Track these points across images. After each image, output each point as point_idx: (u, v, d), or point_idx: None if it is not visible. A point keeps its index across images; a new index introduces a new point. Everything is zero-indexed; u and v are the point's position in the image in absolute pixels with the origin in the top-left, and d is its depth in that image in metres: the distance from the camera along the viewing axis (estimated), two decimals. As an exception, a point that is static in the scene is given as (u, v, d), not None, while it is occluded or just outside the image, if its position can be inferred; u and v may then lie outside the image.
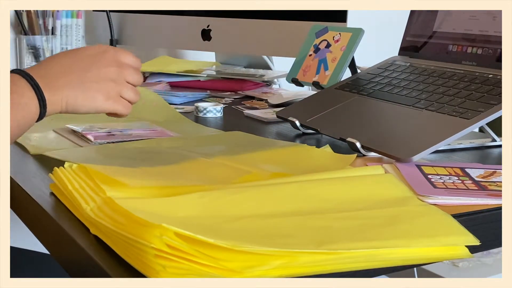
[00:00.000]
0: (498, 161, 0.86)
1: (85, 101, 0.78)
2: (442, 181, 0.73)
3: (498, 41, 0.95)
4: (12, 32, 1.65)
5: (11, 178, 0.76)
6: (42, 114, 0.75)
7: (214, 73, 1.52)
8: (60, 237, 0.63)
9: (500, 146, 0.93)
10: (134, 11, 1.67)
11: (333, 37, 1.16)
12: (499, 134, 0.92)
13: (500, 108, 0.82)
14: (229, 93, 1.40)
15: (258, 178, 0.71)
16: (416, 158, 0.78)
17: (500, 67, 0.92)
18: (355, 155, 0.83)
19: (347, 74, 1.13)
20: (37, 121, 0.75)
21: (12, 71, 0.75)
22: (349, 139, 0.86)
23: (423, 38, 1.09)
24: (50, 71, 0.76)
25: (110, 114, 0.82)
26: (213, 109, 1.15)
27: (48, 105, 0.75)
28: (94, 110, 0.79)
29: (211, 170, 0.77)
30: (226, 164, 0.78)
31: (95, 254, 0.56)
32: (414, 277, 1.57)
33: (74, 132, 0.96)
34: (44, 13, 1.65)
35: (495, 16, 0.96)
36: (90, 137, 0.92)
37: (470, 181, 0.73)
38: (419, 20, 1.10)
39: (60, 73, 0.77)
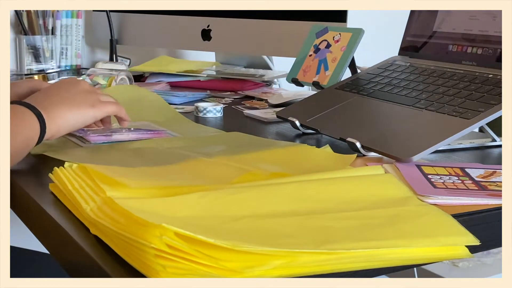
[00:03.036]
0: (498, 161, 0.86)
1: (74, 114, 0.86)
2: (442, 181, 0.73)
3: (498, 41, 0.95)
4: (12, 32, 1.65)
5: (11, 178, 0.75)
6: (42, 131, 0.80)
7: (214, 73, 1.52)
8: (60, 237, 0.63)
9: (500, 146, 0.93)
10: (134, 11, 1.67)
11: (333, 37, 1.16)
12: (499, 134, 0.92)
13: (500, 108, 0.82)
14: (229, 93, 1.40)
15: (257, 178, 0.71)
16: (416, 158, 0.78)
17: (500, 67, 0.92)
18: (355, 155, 0.83)
19: (347, 74, 1.13)
20: (39, 140, 0.80)
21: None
22: (349, 139, 0.86)
23: (423, 38, 1.09)
24: (34, 99, 0.84)
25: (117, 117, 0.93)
26: (213, 109, 1.15)
27: (46, 123, 0.81)
28: (84, 118, 0.88)
29: (211, 170, 0.77)
30: (226, 163, 0.78)
31: (95, 254, 0.56)
32: (414, 277, 1.57)
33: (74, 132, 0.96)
34: (44, 13, 1.65)
35: (495, 16, 0.96)
36: (90, 137, 0.92)
37: (470, 181, 0.73)
38: (419, 20, 1.10)
39: (44, 99, 0.85)
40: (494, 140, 0.93)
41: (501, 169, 0.77)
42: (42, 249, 0.83)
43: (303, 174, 0.71)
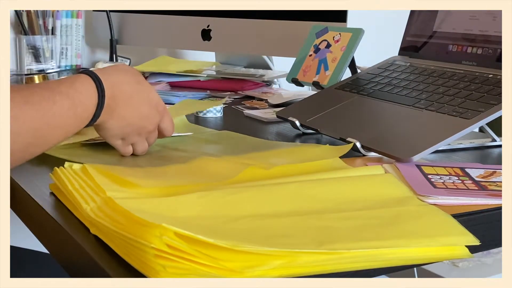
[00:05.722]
0: (498, 161, 0.86)
1: (110, 133, 0.81)
2: (442, 181, 0.73)
3: (498, 41, 0.95)
4: (12, 32, 1.65)
5: (11, 178, 0.76)
6: (87, 126, 0.77)
7: (214, 73, 1.52)
8: (60, 237, 0.63)
9: (500, 146, 0.93)
10: (134, 11, 1.67)
11: (333, 37, 1.16)
12: (499, 134, 0.92)
13: (500, 108, 0.82)
14: (229, 93, 1.40)
15: (260, 172, 0.71)
16: (416, 158, 0.78)
17: (500, 67, 0.92)
18: (351, 144, 0.83)
19: (347, 74, 1.13)
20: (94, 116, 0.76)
21: (87, 73, 0.76)
22: (349, 139, 0.86)
23: (423, 38, 1.09)
24: (119, 95, 0.78)
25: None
26: (213, 109, 1.15)
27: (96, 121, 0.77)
28: (106, 140, 0.83)
29: (215, 167, 0.77)
30: (231, 161, 0.79)
31: (95, 254, 0.56)
32: (414, 277, 1.57)
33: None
34: (44, 13, 1.65)
35: (495, 16, 0.96)
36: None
37: (470, 181, 0.73)
38: (419, 20, 1.10)
39: (125, 104, 0.79)
40: (494, 140, 0.93)
41: (501, 169, 0.77)
42: (42, 249, 0.83)
43: (303, 174, 0.71)
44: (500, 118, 0.81)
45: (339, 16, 1.27)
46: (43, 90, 0.71)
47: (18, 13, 1.62)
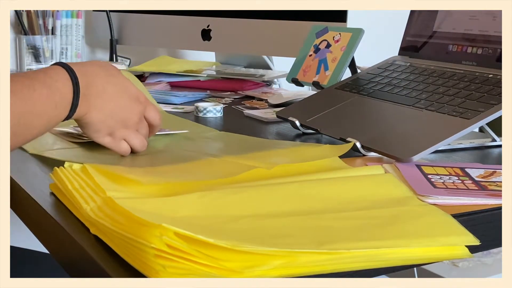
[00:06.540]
0: (498, 161, 0.86)
1: (93, 128, 0.80)
2: (442, 181, 0.73)
3: (498, 41, 0.95)
4: (12, 32, 1.65)
5: (11, 178, 0.76)
6: (68, 117, 0.77)
7: (214, 73, 1.52)
8: (60, 237, 0.63)
9: (500, 146, 0.93)
10: (134, 11, 1.67)
11: (333, 37, 1.16)
12: (499, 134, 0.92)
13: (500, 108, 0.82)
14: (229, 93, 1.40)
15: (262, 173, 0.71)
16: (416, 158, 0.78)
17: (500, 67, 0.92)
18: (351, 143, 0.83)
19: (347, 74, 1.13)
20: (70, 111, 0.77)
21: (61, 65, 0.77)
22: (349, 139, 0.86)
23: (423, 38, 1.09)
24: (93, 85, 0.78)
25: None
26: (213, 109, 1.15)
27: (76, 112, 0.77)
28: (91, 138, 0.83)
29: (214, 166, 0.77)
30: (233, 161, 0.79)
31: (95, 254, 0.56)
32: (414, 277, 1.57)
33: (73, 132, 0.96)
34: (44, 13, 1.65)
35: (495, 16, 0.96)
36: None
37: (470, 181, 0.73)
38: (419, 20, 1.10)
39: (101, 95, 0.79)
40: (494, 140, 0.93)
41: (501, 169, 0.77)
42: (42, 249, 0.83)
43: (303, 174, 0.71)
44: (500, 118, 0.81)
45: (339, 16, 1.27)
46: (23, 78, 0.72)
47: (18, 13, 1.62)
